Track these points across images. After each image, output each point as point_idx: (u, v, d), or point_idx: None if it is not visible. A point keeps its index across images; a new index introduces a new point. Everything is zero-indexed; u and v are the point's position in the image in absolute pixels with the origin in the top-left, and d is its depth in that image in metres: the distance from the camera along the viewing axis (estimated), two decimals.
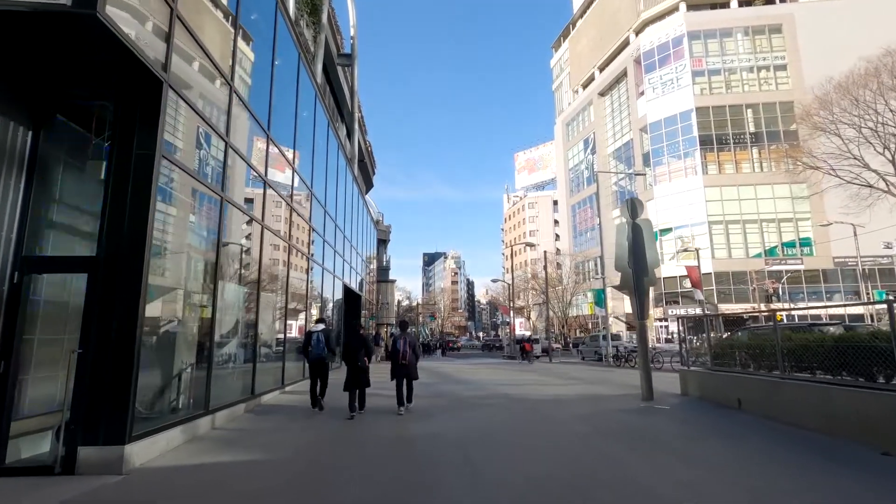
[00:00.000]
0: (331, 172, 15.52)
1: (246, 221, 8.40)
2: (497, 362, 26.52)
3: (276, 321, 10.48)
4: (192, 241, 6.76)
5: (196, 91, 6.33)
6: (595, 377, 13.99)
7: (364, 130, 28.83)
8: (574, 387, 11.30)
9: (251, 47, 8.69)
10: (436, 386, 11.73)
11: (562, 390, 10.59)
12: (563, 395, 9.57)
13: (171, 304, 6.22)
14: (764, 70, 49.59)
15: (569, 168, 69.72)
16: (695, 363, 9.10)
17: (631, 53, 56.12)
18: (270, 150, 9.33)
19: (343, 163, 17.60)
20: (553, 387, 11.48)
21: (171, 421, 5.72)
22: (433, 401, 8.99)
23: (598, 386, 11.23)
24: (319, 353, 8.27)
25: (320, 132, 14.53)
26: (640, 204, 9.07)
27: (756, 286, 43.48)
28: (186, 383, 6.37)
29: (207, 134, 6.87)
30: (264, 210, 9.06)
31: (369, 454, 5.19)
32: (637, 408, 7.95)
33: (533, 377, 14.21)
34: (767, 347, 6.65)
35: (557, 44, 76.72)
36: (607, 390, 10.27)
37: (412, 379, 8.14)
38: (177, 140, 6.03)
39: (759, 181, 46.92)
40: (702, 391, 8.37)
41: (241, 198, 8.37)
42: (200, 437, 6.13)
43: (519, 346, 28.06)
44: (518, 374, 15.74)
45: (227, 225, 7.50)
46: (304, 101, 12.57)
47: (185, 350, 6.51)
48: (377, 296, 38.39)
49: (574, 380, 13.30)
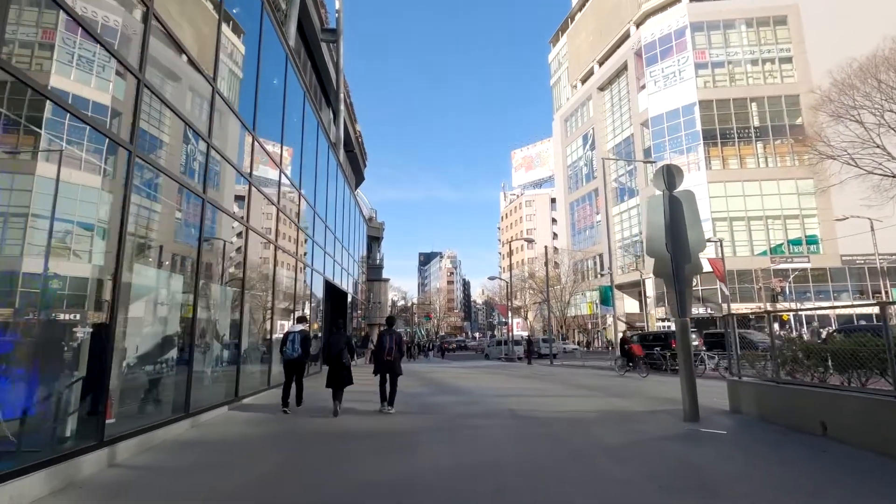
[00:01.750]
0: (308, 153, 13.65)
1: (177, 189, 6.52)
2: (494, 366, 24.69)
3: (221, 319, 8.50)
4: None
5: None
6: (607, 386, 12.16)
7: (353, 117, 26.96)
8: (590, 399, 9.42)
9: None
10: (426, 398, 9.89)
11: (576, 404, 8.74)
12: (580, 411, 7.73)
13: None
14: (769, 63, 48.15)
15: (567, 165, 68.11)
16: (744, 372, 7.28)
17: (632, 46, 54.56)
18: (217, 103, 7.46)
19: (325, 144, 15.74)
20: (564, 398, 9.62)
21: (24, 464, 3.84)
22: (421, 420, 7.12)
23: (618, 399, 9.24)
24: (292, 355, 8.09)
25: (294, 106, 12.67)
26: (678, 171, 7.20)
27: (762, 285, 41.94)
28: (66, 403, 4.51)
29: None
30: (206, 179, 7.17)
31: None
32: (683, 433, 6.12)
33: (537, 385, 12.41)
34: (874, 354, 4.87)
35: (555, 38, 75.12)
36: (631, 404, 8.38)
37: (396, 375, 8.07)
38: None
39: (765, 177, 45.46)
40: (761, 409, 6.57)
41: (178, 168, 6.51)
42: (80, 482, 4.26)
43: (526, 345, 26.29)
44: (520, 381, 13.91)
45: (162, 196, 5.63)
46: (271, 65, 10.72)
47: (62, 354, 4.65)
48: (368, 294, 36.49)
49: (585, 389, 11.46)
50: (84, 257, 5.07)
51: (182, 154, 6.70)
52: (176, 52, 6.47)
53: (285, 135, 11.71)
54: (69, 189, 4.69)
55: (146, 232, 6.01)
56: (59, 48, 4.53)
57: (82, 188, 4.90)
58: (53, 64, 4.47)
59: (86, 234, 5.03)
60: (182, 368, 6.51)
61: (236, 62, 9.06)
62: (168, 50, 6.27)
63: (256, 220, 9.57)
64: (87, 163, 4.82)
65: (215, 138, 7.40)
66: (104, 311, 4.91)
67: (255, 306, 10.01)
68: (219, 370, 7.99)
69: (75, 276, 4.97)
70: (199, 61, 6.93)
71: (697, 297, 46.36)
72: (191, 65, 6.77)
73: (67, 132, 4.45)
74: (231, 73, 8.76)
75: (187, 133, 6.73)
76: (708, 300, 44.94)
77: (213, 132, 7.28)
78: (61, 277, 4.74)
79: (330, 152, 16.82)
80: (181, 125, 6.46)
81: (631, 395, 9.97)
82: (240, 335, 8.75)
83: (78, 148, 4.66)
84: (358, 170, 31.53)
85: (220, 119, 7.74)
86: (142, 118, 5.40)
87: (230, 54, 8.68)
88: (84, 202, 4.97)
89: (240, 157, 8.84)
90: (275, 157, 10.87)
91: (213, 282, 7.83)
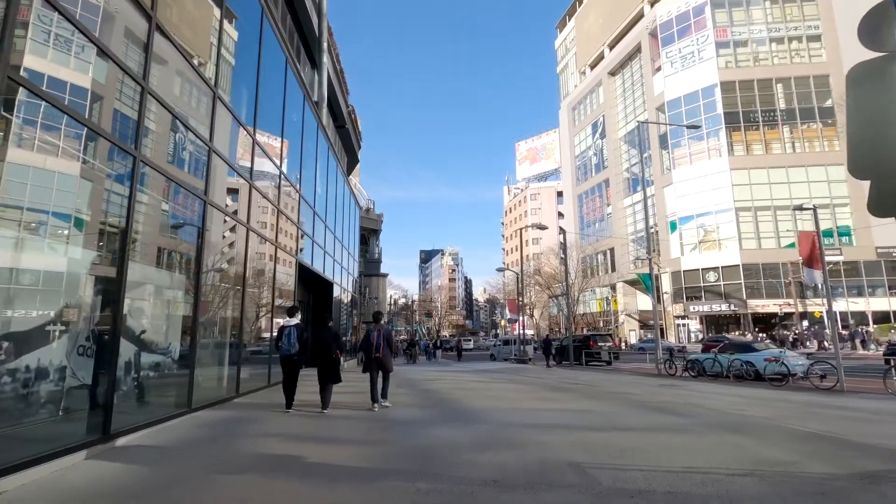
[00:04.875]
0: (267, 98, 10.44)
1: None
2: (504, 369, 21.40)
3: (169, 309, 5.74)
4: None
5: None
6: (685, 405, 8.77)
7: (344, 86, 23.66)
8: (694, 436, 5.64)
9: None
10: (423, 432, 5.95)
11: (680, 446, 5.05)
12: (709, 471, 4.01)
13: None
14: (795, 41, 44.78)
15: (575, 155, 64.80)
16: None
17: (646, 26, 51.21)
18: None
19: (300, 94, 12.51)
20: (649, 435, 5.75)
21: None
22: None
23: (743, 436, 5.57)
24: (289, 350, 7.43)
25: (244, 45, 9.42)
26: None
27: (792, 279, 38.61)
28: None
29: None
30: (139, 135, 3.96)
31: None
32: None
33: (584, 404, 8.43)
34: None
35: (562, 23, 71.75)
36: (790, 455, 4.65)
37: (387, 371, 7.85)
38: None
39: (792, 163, 42.13)
40: None
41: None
42: None
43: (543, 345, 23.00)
44: (553, 395, 9.85)
45: None
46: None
47: None
48: (362, 289, 33.29)
49: (658, 411, 7.86)
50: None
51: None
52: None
53: (240, 74, 8.46)
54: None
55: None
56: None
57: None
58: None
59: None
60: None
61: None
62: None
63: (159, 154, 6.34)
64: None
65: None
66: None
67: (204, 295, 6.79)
68: (157, 379, 4.87)
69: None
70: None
71: (718, 291, 43.09)
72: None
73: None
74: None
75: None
76: (730, 296, 41.65)
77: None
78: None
79: (308, 109, 13.58)
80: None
81: (754, 429, 6.32)
82: (193, 336, 5.70)
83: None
84: (351, 150, 28.28)
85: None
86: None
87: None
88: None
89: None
90: (230, 106, 7.61)
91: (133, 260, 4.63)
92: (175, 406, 6.38)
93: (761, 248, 41.64)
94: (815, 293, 40.06)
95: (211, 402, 7.36)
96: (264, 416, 7.03)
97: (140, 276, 5.64)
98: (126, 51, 5.25)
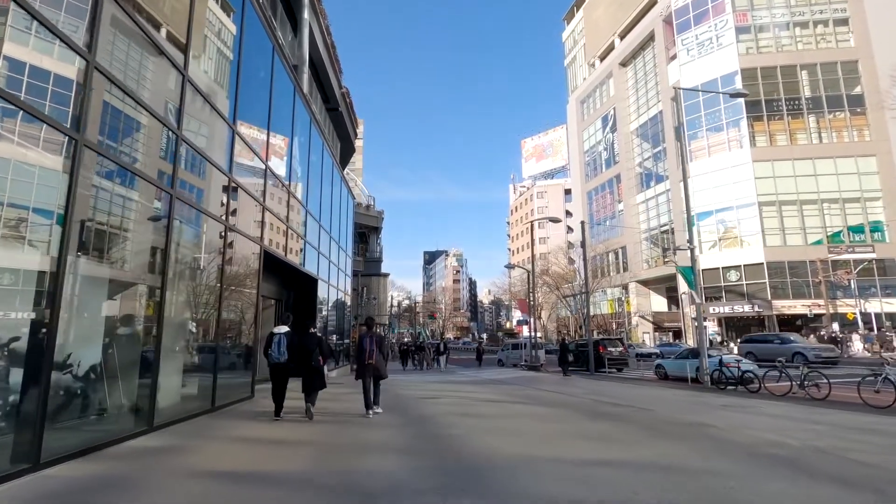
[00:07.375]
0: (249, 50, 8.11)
1: None
2: (516, 379, 18.90)
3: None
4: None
5: None
6: (787, 442, 6.17)
7: (336, 64, 21.36)
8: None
9: None
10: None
11: None
12: None
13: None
14: (821, 25, 42.13)
15: (584, 151, 62.25)
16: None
17: (659, 13, 48.70)
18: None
19: (269, 47, 10.18)
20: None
21: None
22: None
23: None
24: (278, 359, 7.26)
25: None
26: None
27: (822, 278, 35.85)
28: None
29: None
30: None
31: None
32: None
33: (659, 447, 5.50)
34: None
35: (570, 15, 69.36)
36: None
37: (380, 378, 7.84)
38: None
39: (819, 154, 39.40)
40: None
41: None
42: None
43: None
44: (607, 429, 6.74)
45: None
46: None
47: None
48: (360, 289, 30.97)
49: (784, 464, 4.78)
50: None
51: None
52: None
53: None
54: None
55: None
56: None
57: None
58: None
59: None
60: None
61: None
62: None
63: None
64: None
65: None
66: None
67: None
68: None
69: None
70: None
71: (740, 291, 40.44)
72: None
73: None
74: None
75: None
76: (754, 296, 38.96)
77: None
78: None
79: (283, 69, 11.24)
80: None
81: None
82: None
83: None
84: (346, 137, 25.97)
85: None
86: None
87: None
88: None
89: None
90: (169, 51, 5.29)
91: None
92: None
93: (786, 244, 38.94)
94: (845, 294, 37.37)
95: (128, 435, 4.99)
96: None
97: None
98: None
